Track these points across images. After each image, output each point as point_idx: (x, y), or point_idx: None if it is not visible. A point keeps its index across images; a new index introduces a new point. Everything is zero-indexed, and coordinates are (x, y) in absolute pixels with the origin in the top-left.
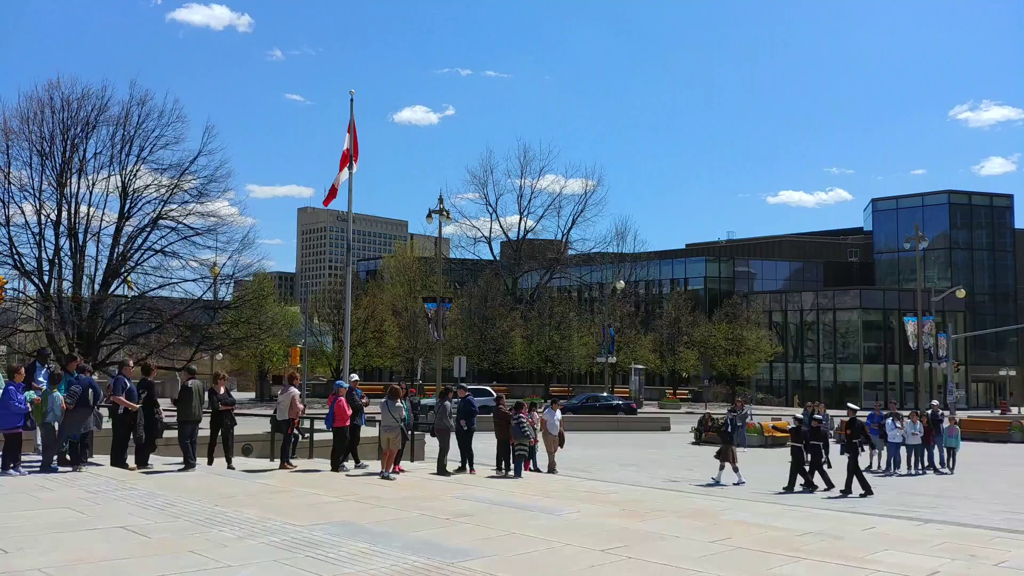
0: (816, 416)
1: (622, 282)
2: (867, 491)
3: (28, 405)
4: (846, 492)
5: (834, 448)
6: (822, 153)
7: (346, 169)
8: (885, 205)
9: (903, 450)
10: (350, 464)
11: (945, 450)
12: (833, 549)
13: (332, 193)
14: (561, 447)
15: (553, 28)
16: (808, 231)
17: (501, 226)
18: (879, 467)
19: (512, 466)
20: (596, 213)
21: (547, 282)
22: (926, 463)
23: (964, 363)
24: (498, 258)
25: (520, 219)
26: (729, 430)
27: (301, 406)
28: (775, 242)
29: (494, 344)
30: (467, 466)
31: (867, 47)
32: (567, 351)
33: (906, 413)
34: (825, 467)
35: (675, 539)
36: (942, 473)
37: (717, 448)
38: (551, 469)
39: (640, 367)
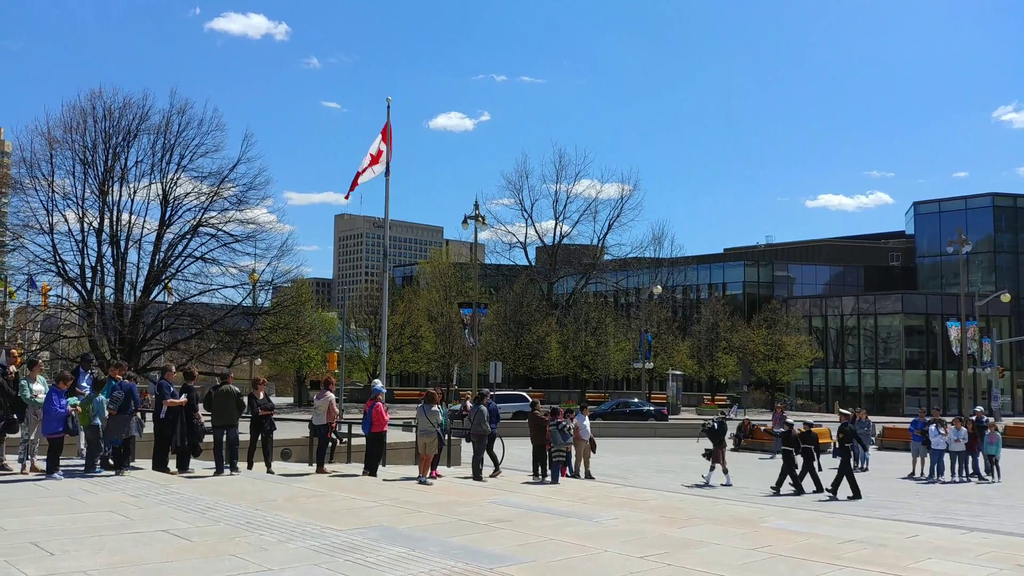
0: (808, 421)
1: (659, 287)
2: (856, 494)
3: (71, 409)
4: (854, 496)
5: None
6: (862, 156)
7: (370, 169)
8: (927, 208)
9: (947, 457)
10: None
11: (986, 458)
12: (875, 557)
13: (353, 184)
14: (593, 452)
15: (587, 33)
16: (848, 235)
17: (536, 231)
18: (922, 474)
19: (549, 471)
20: (632, 218)
21: (583, 287)
22: (970, 470)
23: (1008, 368)
24: (533, 263)
25: (556, 224)
26: (719, 432)
27: (338, 411)
28: (815, 246)
29: (530, 349)
30: (495, 469)
31: (908, 48)
32: (603, 356)
33: (949, 419)
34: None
35: (715, 546)
36: (986, 481)
37: (708, 450)
38: (586, 475)
39: (677, 373)
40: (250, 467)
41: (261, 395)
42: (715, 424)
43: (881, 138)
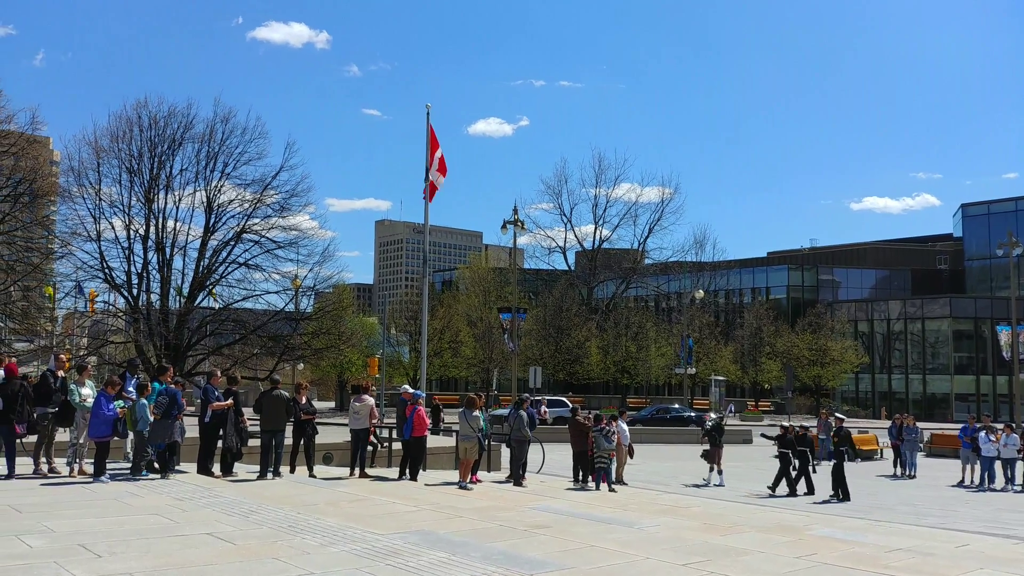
0: (804, 425)
1: (701, 291)
2: (845, 497)
3: (119, 412)
4: (835, 496)
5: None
6: (908, 158)
7: (437, 173)
8: (976, 210)
9: (998, 464)
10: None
11: None
12: (923, 567)
13: (432, 191)
14: (631, 458)
15: (626, 37)
16: (894, 238)
17: (576, 236)
18: (972, 482)
19: (594, 477)
20: (673, 221)
21: (623, 292)
22: (1021, 479)
23: None
24: (573, 268)
25: (595, 228)
26: (716, 432)
27: (378, 415)
28: (860, 249)
29: (569, 355)
30: (524, 474)
31: (955, 47)
32: (644, 362)
33: (1000, 426)
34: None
35: (758, 554)
36: None
37: (706, 450)
38: (617, 480)
39: (720, 378)
40: (292, 471)
41: (304, 399)
42: (712, 426)
43: (928, 139)
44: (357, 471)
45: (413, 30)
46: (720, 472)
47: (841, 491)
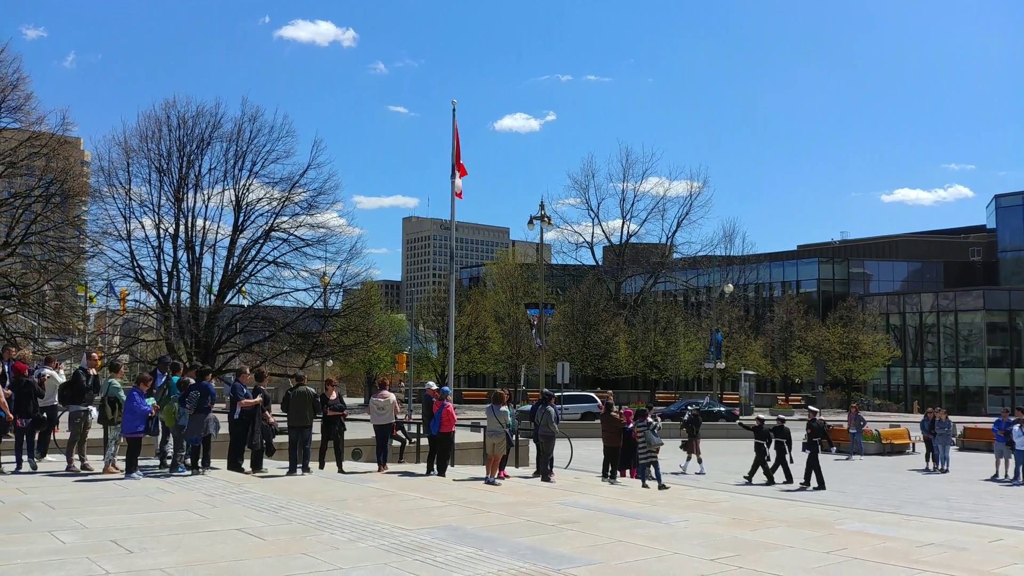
0: (782, 416)
1: (730, 285)
2: (821, 486)
3: (153, 409)
4: (805, 485)
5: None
6: (940, 149)
7: (458, 176)
8: (1009, 201)
9: None
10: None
11: None
12: (955, 562)
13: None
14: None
15: (653, 31)
16: (926, 230)
17: (603, 231)
18: (1006, 476)
19: (634, 474)
20: (702, 215)
21: (652, 287)
22: None
23: None
24: (600, 263)
25: (623, 223)
26: (693, 424)
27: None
28: (891, 242)
29: (597, 350)
30: (552, 469)
31: (986, 36)
32: (673, 356)
33: None
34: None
35: (788, 549)
36: None
37: (685, 441)
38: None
39: (750, 373)
40: (322, 467)
41: (333, 395)
42: (689, 418)
43: (960, 130)
44: (378, 466)
45: (439, 27)
46: (700, 460)
47: (817, 480)
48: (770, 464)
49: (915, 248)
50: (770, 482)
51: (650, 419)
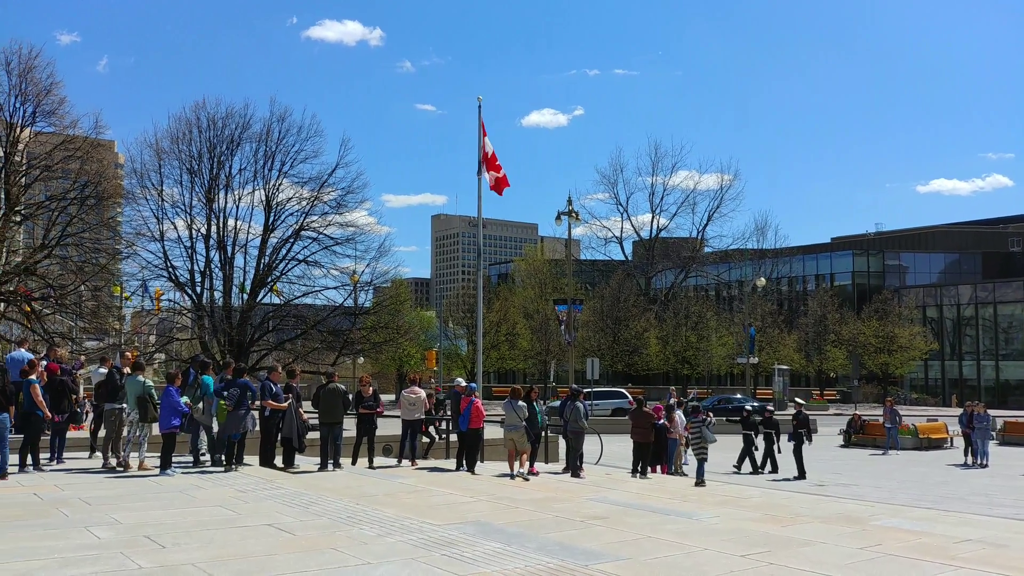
0: (769, 408)
1: (763, 279)
2: (801, 475)
3: (188, 407)
4: (799, 477)
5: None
6: (977, 138)
7: (489, 170)
8: None
9: None
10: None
11: None
12: (994, 558)
13: (503, 182)
14: (687, 449)
15: (681, 23)
16: (964, 220)
17: (633, 225)
18: None
19: (664, 469)
20: (733, 208)
21: (682, 281)
22: None
23: None
24: (630, 258)
25: (652, 217)
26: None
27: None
28: (928, 233)
29: (628, 345)
30: (581, 465)
31: (1022, 21)
32: (705, 352)
33: None
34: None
35: (820, 545)
36: None
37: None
38: (679, 471)
39: (784, 367)
40: (354, 463)
41: (370, 391)
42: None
43: (998, 118)
44: (408, 461)
45: (465, 23)
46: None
47: (798, 470)
48: (758, 454)
49: (952, 239)
50: (756, 471)
51: (679, 414)
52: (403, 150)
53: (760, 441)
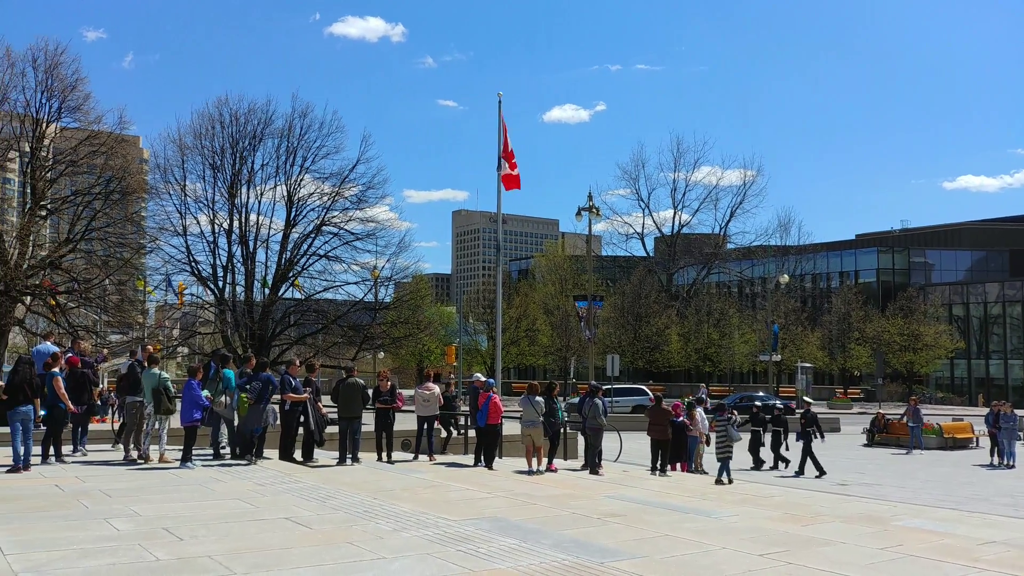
0: (779, 405)
1: (786, 276)
2: (821, 472)
3: (208, 400)
4: (799, 473)
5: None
6: (1005, 134)
7: (504, 165)
8: None
9: None
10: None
11: None
12: (1019, 561)
13: (513, 182)
14: (707, 447)
15: (705, 17)
16: (991, 217)
17: (654, 221)
18: None
19: (696, 466)
20: (756, 204)
21: (704, 278)
22: None
23: None
24: (651, 254)
25: (674, 213)
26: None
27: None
28: (954, 230)
29: (649, 342)
30: (600, 462)
31: None
32: (727, 349)
33: None
34: (783, 451)
35: (840, 545)
36: None
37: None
38: (699, 468)
39: (807, 365)
40: (379, 458)
41: (387, 386)
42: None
43: None
44: (425, 456)
45: (487, 19)
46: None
47: (816, 468)
48: (763, 449)
49: (979, 236)
50: (756, 467)
51: (700, 412)
52: (424, 146)
53: (767, 438)
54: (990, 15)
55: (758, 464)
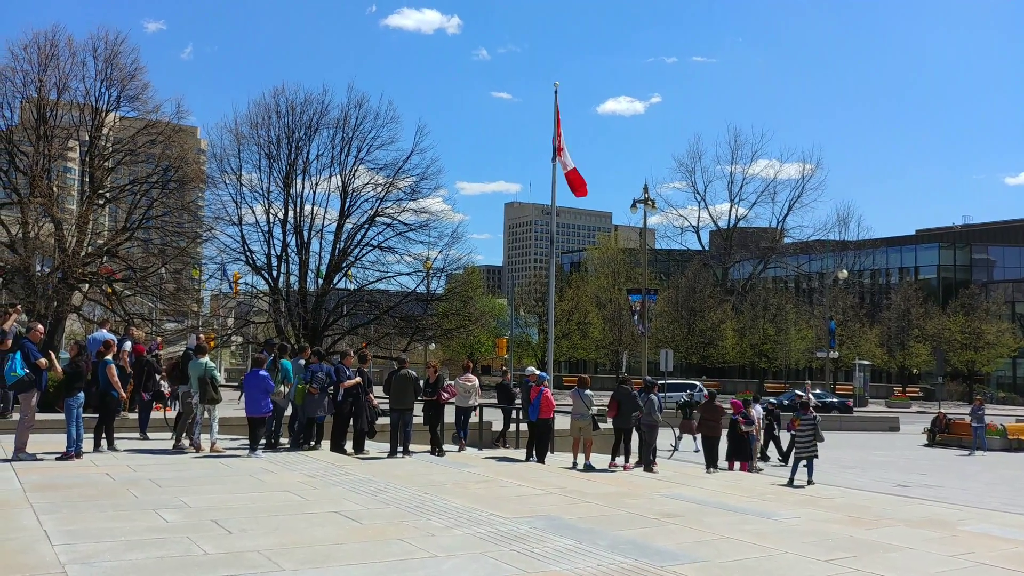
0: (772, 401)
1: (845, 271)
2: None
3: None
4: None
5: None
6: None
7: (562, 160)
8: None
9: None
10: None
11: None
12: None
13: (578, 184)
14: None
15: (761, 7)
16: None
17: (710, 214)
18: None
19: (807, 471)
20: (815, 198)
21: (761, 272)
22: None
23: None
24: (707, 248)
25: (730, 207)
26: (688, 408)
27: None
28: (1017, 226)
29: (703, 337)
30: (654, 459)
31: None
32: (783, 345)
33: None
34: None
35: (907, 551)
36: None
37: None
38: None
39: (865, 363)
40: (432, 451)
41: (433, 377)
42: (684, 402)
43: None
44: (474, 448)
45: (542, 11)
46: (695, 439)
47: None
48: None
49: None
50: (763, 460)
51: (757, 408)
52: (478, 137)
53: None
54: None
55: (762, 457)
